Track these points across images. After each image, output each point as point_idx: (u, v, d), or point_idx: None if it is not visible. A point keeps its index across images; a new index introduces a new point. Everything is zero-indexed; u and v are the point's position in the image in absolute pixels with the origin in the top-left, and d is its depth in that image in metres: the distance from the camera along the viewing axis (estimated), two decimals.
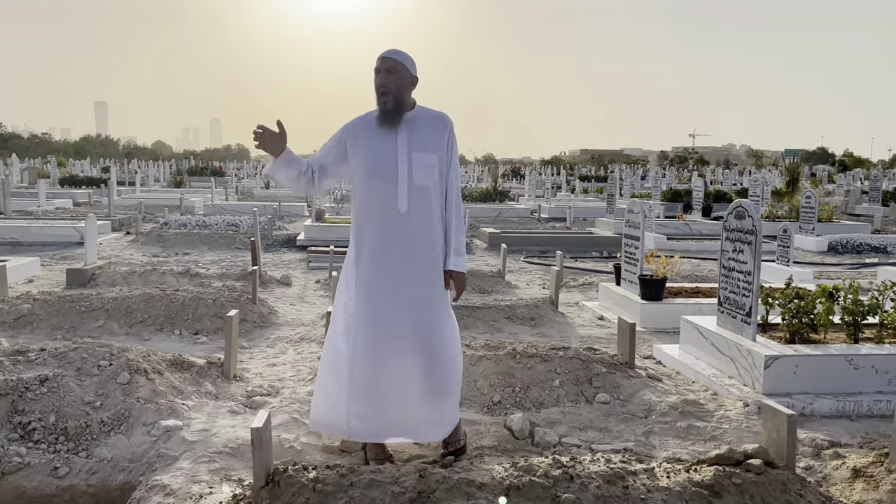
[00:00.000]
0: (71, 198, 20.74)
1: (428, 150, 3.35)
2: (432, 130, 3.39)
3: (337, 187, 28.68)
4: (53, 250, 11.18)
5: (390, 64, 3.31)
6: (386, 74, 3.30)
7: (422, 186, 3.33)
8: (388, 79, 3.29)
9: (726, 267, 5.06)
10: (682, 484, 2.80)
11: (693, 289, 7.31)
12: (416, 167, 3.32)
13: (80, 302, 6.33)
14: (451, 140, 3.43)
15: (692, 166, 62.85)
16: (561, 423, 4.06)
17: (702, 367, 4.98)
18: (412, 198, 3.32)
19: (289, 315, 6.93)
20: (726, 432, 3.92)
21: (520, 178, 42.98)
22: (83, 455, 3.52)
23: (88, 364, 4.06)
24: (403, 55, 3.37)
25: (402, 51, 3.40)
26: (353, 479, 2.75)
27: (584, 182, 36.32)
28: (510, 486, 2.69)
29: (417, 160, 3.32)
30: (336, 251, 10.00)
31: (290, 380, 4.79)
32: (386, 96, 3.30)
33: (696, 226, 15.12)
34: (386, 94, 3.30)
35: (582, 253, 12.23)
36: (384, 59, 3.33)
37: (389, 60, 3.32)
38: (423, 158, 3.33)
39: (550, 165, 56.63)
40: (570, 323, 6.77)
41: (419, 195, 3.33)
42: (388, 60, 3.33)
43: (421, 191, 3.33)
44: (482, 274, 8.72)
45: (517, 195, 26.36)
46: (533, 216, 18.52)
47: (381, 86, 3.30)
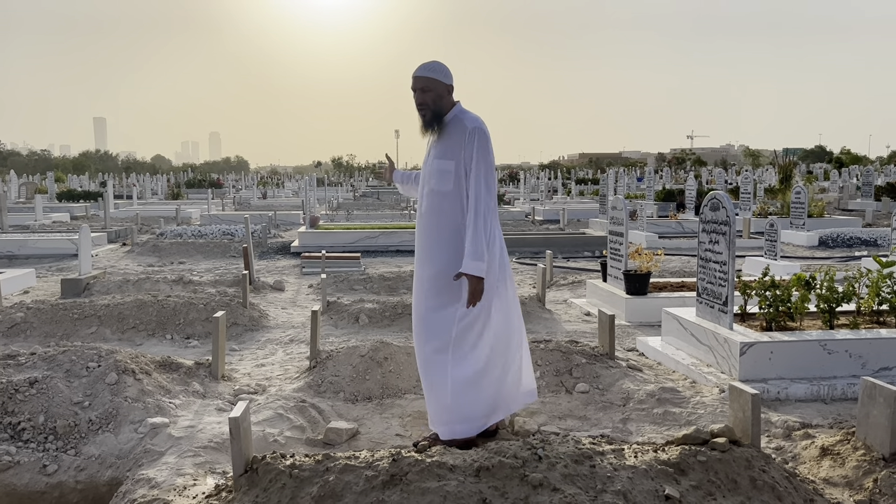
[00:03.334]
0: (68, 212, 20.86)
1: (447, 156, 3.48)
2: (454, 137, 3.49)
3: (334, 195, 28.79)
4: (49, 262, 11.28)
5: (423, 83, 3.49)
6: (421, 94, 3.50)
7: (437, 192, 3.50)
8: (423, 97, 3.49)
9: (703, 258, 5.16)
10: (648, 463, 2.88)
11: (678, 283, 7.40)
12: (433, 173, 3.51)
13: (73, 310, 6.42)
14: (473, 146, 3.45)
15: (689, 167, 63.01)
16: (541, 412, 4.15)
17: (682, 356, 5.07)
18: (429, 201, 3.54)
19: (280, 318, 7.02)
20: (701, 417, 4.01)
21: (517, 183, 43.11)
22: (72, 453, 3.61)
23: (77, 366, 4.16)
24: (434, 69, 3.51)
25: (434, 63, 3.54)
26: (328, 464, 2.84)
27: (580, 185, 36.45)
28: (480, 468, 2.78)
29: (435, 166, 3.50)
30: (329, 256, 10.10)
31: (277, 378, 4.88)
32: (424, 110, 3.51)
33: (689, 224, 15.22)
34: (424, 109, 3.51)
35: (574, 253, 12.33)
36: (417, 79, 3.51)
37: (422, 80, 3.50)
38: (441, 165, 3.48)
39: (548, 169, 56.79)
40: (556, 319, 6.86)
41: (435, 199, 3.51)
42: (420, 80, 3.50)
43: (437, 196, 3.50)
44: None
45: (513, 199, 26.48)
46: (527, 219, 18.62)
47: (420, 105, 3.51)
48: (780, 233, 9.31)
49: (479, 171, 3.45)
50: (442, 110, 3.51)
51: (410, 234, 13.03)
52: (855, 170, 45.50)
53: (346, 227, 13.96)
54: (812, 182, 32.27)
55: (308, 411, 4.11)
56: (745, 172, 18.87)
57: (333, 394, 4.40)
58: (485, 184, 3.45)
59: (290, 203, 25.49)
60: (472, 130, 3.45)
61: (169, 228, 14.53)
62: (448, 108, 3.54)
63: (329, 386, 4.46)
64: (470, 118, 3.50)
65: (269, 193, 32.43)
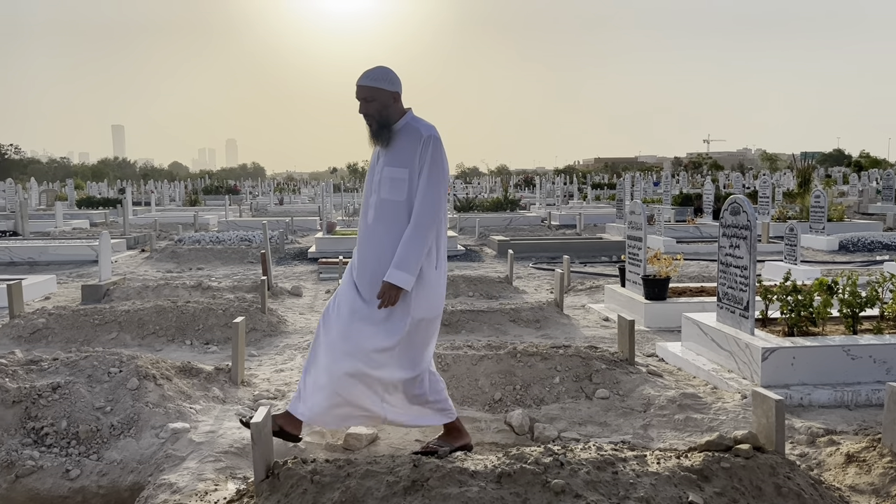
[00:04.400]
0: (88, 218, 21.09)
1: (399, 164, 3.37)
2: (407, 144, 3.38)
3: (350, 201, 28.90)
4: (70, 269, 11.40)
5: (366, 93, 3.38)
6: (365, 104, 3.40)
7: (388, 200, 3.38)
8: (367, 107, 3.40)
9: (724, 263, 5.12)
10: (671, 469, 2.86)
11: (697, 288, 7.35)
12: (384, 181, 3.39)
13: (94, 315, 6.48)
14: (426, 154, 3.34)
15: (706, 171, 62.63)
16: (561, 418, 4.13)
17: (702, 362, 5.02)
18: (378, 210, 3.41)
19: (298, 323, 7.05)
20: (723, 423, 3.97)
21: (532, 188, 43.07)
22: (94, 458, 3.63)
23: (99, 371, 4.19)
24: (378, 77, 3.39)
25: (378, 69, 3.42)
26: (349, 470, 2.83)
27: (596, 190, 36.34)
28: (502, 474, 2.77)
29: (387, 174, 3.38)
30: (346, 261, 10.13)
31: (296, 384, 4.89)
32: (369, 120, 3.41)
33: (707, 229, 15.11)
34: (369, 119, 3.41)
35: (591, 258, 12.28)
36: (359, 89, 3.40)
37: (364, 90, 3.39)
38: (393, 173, 3.37)
39: (564, 174, 56.66)
40: (574, 324, 6.83)
41: (385, 208, 3.39)
42: (363, 90, 3.39)
43: (387, 205, 3.39)
44: (490, 280, 8.80)
45: (529, 204, 26.44)
46: (543, 224, 18.58)
47: (364, 115, 3.42)
48: (799, 237, 9.22)
49: (430, 181, 3.33)
50: (389, 120, 3.41)
51: None
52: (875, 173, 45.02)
53: None
54: (831, 186, 31.97)
55: None
56: (762, 176, 18.72)
57: None
58: (434, 195, 3.33)
59: (306, 209, 25.62)
60: (428, 139, 3.35)
61: (187, 235, 14.64)
62: (397, 116, 3.43)
63: None
64: (424, 126, 3.40)
65: (285, 199, 32.60)
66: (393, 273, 3.28)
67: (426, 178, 3.33)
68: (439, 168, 3.35)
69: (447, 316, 6.66)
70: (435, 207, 3.32)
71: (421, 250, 3.31)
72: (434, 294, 3.47)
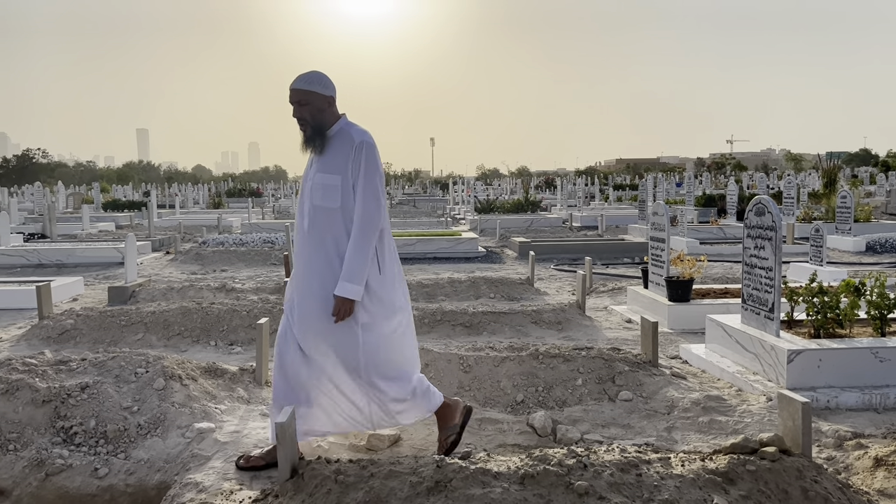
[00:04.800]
0: (113, 221, 21.36)
1: (332, 170, 3.32)
2: (340, 150, 3.33)
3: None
4: (97, 271, 11.56)
5: (299, 97, 3.32)
6: (298, 108, 3.33)
7: (321, 208, 3.33)
8: (301, 111, 3.33)
9: (748, 264, 5.07)
10: (696, 471, 2.84)
11: (722, 290, 7.28)
12: (316, 188, 3.34)
13: (120, 317, 6.57)
14: (360, 160, 3.30)
15: (729, 172, 62.03)
16: (583, 420, 4.12)
17: (727, 364, 4.98)
18: (313, 218, 3.36)
19: None
20: (748, 426, 3.93)
21: (553, 189, 42.94)
22: (122, 457, 3.68)
23: (126, 371, 4.25)
24: (312, 80, 3.34)
25: (312, 74, 3.37)
26: (373, 470, 2.85)
27: (618, 191, 36.15)
28: (525, 475, 2.77)
29: (319, 181, 3.33)
30: None
31: None
32: (303, 125, 3.35)
33: (730, 230, 14.98)
34: (303, 124, 3.35)
35: (613, 259, 12.22)
36: (293, 92, 3.34)
37: (298, 93, 3.32)
38: (326, 179, 3.32)
39: (585, 175, 56.41)
40: (597, 326, 6.80)
41: (318, 216, 3.35)
42: (296, 93, 3.33)
43: (320, 212, 3.34)
44: (511, 282, 8.79)
45: (549, 205, 26.37)
46: (564, 225, 18.52)
47: (298, 119, 3.35)
48: (825, 238, 9.11)
49: (367, 187, 3.30)
50: (323, 125, 3.36)
51: (448, 241, 13.06)
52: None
53: None
54: (857, 186, 31.52)
55: None
56: (787, 177, 18.51)
57: None
58: (374, 201, 3.30)
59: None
60: (360, 144, 3.30)
61: (211, 237, 14.79)
62: (331, 121, 3.38)
63: None
64: (357, 131, 3.36)
65: None
66: (343, 286, 3.27)
67: (363, 185, 3.30)
68: (374, 174, 3.31)
69: (468, 317, 6.66)
70: (375, 215, 3.30)
71: (366, 259, 3.31)
72: (383, 299, 3.43)
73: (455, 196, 30.58)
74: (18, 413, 3.83)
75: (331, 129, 3.38)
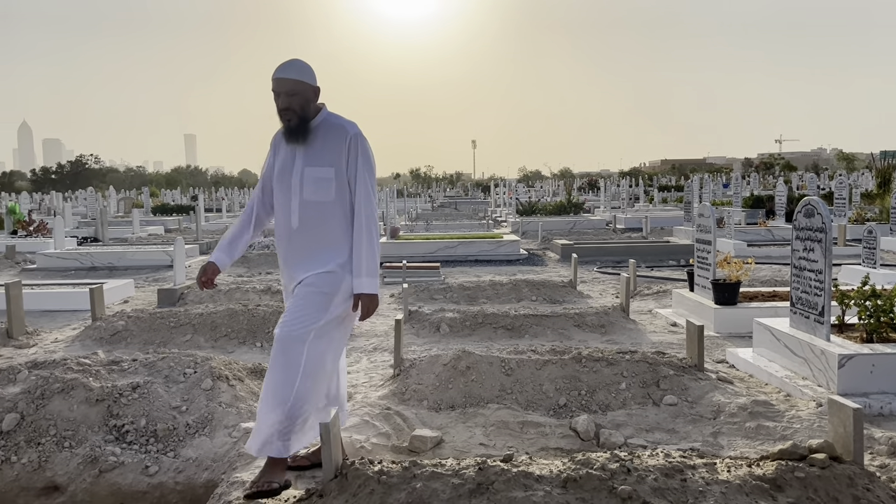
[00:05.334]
0: (162, 225, 21.89)
1: (323, 163, 3.17)
2: (331, 142, 3.19)
3: (413, 206, 29.13)
4: (146, 273, 11.86)
5: (290, 86, 3.15)
6: (287, 98, 3.16)
7: (314, 203, 3.18)
8: (290, 101, 3.16)
9: (797, 267, 4.96)
10: (742, 478, 2.79)
11: (770, 293, 7.14)
12: (307, 182, 3.17)
13: (170, 318, 6.73)
14: (355, 151, 3.19)
15: (778, 172, 60.69)
16: (627, 424, 4.08)
17: (775, 369, 4.88)
18: (304, 214, 3.19)
19: (363, 327, 7.15)
20: (797, 432, 3.85)
21: (596, 191, 42.57)
22: (171, 455, 3.78)
23: (175, 372, 4.36)
24: (303, 70, 3.19)
25: (299, 62, 3.22)
26: (415, 471, 2.87)
27: (663, 192, 35.67)
28: (567, 479, 2.76)
29: (309, 175, 3.17)
30: (409, 266, 10.25)
31: (362, 386, 4.97)
32: (289, 115, 3.17)
33: (779, 231, 14.66)
34: (289, 114, 3.17)
35: (658, 262, 12.06)
36: (282, 82, 3.15)
37: (289, 83, 3.15)
38: (316, 173, 3.17)
39: (629, 177, 55.78)
40: (641, 330, 6.72)
41: (312, 211, 3.18)
42: (286, 83, 3.15)
43: (313, 207, 3.18)
44: (553, 284, 8.75)
45: (593, 207, 26.15)
46: (608, 227, 18.35)
47: (284, 110, 3.17)
48: (879, 240, 8.85)
49: (364, 181, 3.19)
50: (308, 115, 3.20)
51: (489, 244, 13.06)
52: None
53: (426, 238, 14.11)
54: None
55: (393, 419, 4.17)
56: (838, 177, 18.03)
57: (417, 402, 4.45)
58: (373, 195, 3.22)
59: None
60: (355, 136, 3.19)
61: (256, 240, 15.02)
62: (315, 112, 3.24)
63: (413, 394, 4.52)
64: (348, 123, 3.24)
65: None
66: (364, 282, 3.18)
67: (363, 178, 3.20)
68: (371, 166, 3.23)
69: (510, 320, 6.65)
70: (375, 206, 3.24)
71: (377, 252, 3.23)
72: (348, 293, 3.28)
73: (496, 198, 30.55)
74: (73, 411, 3.96)
75: (314, 119, 3.23)
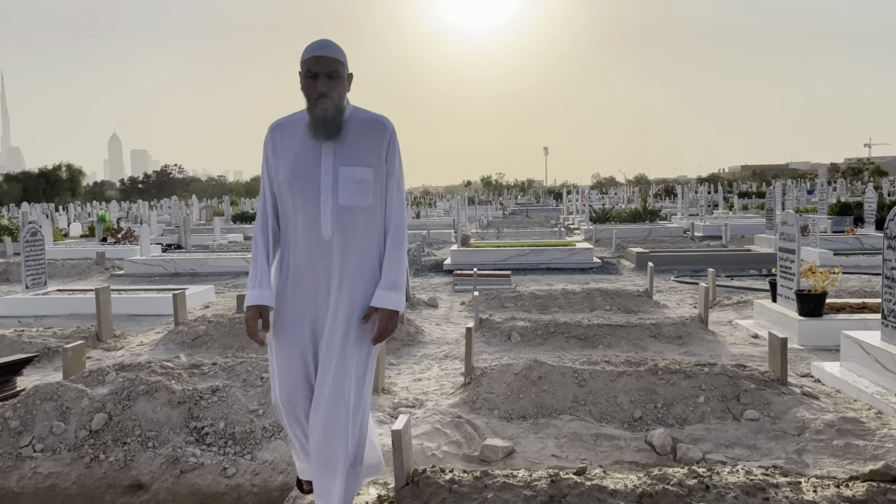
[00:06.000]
0: (242, 232, 22.59)
1: (360, 162, 2.68)
2: (367, 138, 2.70)
3: (484, 214, 29.14)
4: (227, 279, 12.24)
5: (332, 67, 2.63)
6: (328, 81, 2.63)
7: (351, 208, 2.67)
8: (330, 86, 2.64)
9: (889, 277, 4.71)
10: (830, 498, 2.66)
11: (859, 304, 6.80)
12: (342, 184, 2.66)
13: None
14: (392, 149, 2.74)
15: (867, 178, 57.94)
16: (705, 439, 3.95)
17: (865, 384, 4.64)
18: (338, 222, 2.66)
19: (434, 334, 7.18)
20: (889, 451, 3.64)
21: (673, 198, 41.59)
22: (248, 457, 3.87)
23: (252, 376, 4.47)
24: (340, 51, 2.69)
25: (334, 42, 2.72)
26: (486, 481, 2.86)
27: (743, 199, 34.58)
28: (643, 494, 2.69)
29: (345, 175, 2.67)
30: (480, 274, 10.23)
31: (433, 393, 4.99)
32: (327, 102, 2.63)
33: (868, 240, 13.96)
34: (327, 103, 2.64)
35: (738, 271, 11.67)
36: (323, 61, 2.63)
37: (330, 62, 2.63)
38: (353, 173, 2.67)
39: (707, 183, 54.28)
40: (720, 341, 6.51)
41: (348, 219, 2.67)
42: (328, 62, 2.63)
43: (349, 213, 2.67)
44: (628, 293, 8.58)
45: (669, 214, 25.56)
46: (686, 235, 17.89)
47: (322, 96, 2.63)
48: None
49: (400, 185, 2.79)
50: (343, 105, 2.70)
51: (560, 251, 12.92)
52: None
53: (497, 246, 14.07)
54: None
55: (464, 427, 4.16)
56: None
57: (488, 411, 4.43)
58: (404, 200, 2.83)
59: (441, 222, 26.12)
60: (393, 134, 2.74)
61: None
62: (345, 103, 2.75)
63: (484, 403, 4.50)
64: (381, 117, 2.75)
65: (421, 213, 33.40)
66: (389, 297, 2.68)
67: (399, 181, 2.78)
68: (401, 168, 2.82)
69: (583, 330, 6.55)
70: (402, 212, 2.81)
71: (406, 266, 2.87)
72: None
73: (569, 206, 30.23)
74: (157, 413, 4.11)
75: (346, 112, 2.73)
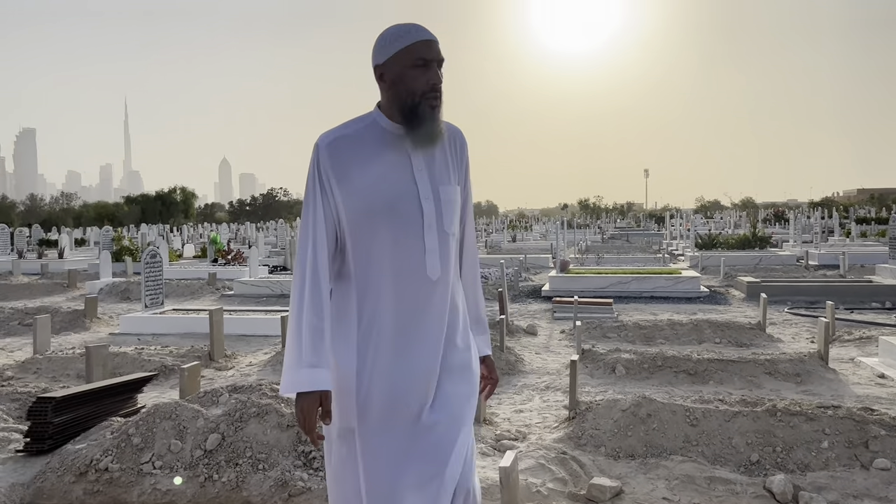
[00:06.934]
0: None
1: (450, 180, 2.16)
2: (449, 152, 2.19)
3: (582, 238, 28.72)
4: None
5: (441, 55, 2.10)
6: (439, 71, 2.10)
7: (451, 237, 2.14)
8: (441, 77, 2.10)
9: None
10: None
11: None
12: (446, 205, 2.12)
13: None
14: (467, 164, 2.26)
15: None
16: (830, 488, 3.69)
17: None
18: (443, 255, 2.11)
19: (534, 363, 7.09)
20: None
21: (784, 223, 39.72)
22: None
23: None
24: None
25: None
26: None
27: (861, 225, 32.60)
28: None
29: (446, 196, 2.13)
30: (581, 301, 10.05)
31: (536, 426, 4.90)
32: (437, 101, 2.09)
33: None
34: (438, 96, 2.09)
35: (859, 304, 10.97)
36: (435, 46, 2.09)
37: (439, 49, 2.10)
38: (450, 194, 2.14)
39: (820, 207, 51.57)
40: (842, 380, 6.10)
41: (447, 251, 2.13)
42: (438, 48, 2.10)
43: (447, 244, 2.13)
44: (739, 326, 8.20)
45: (780, 241, 24.40)
46: (799, 263, 17.00)
47: (435, 89, 2.08)
48: None
49: (471, 205, 2.31)
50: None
51: (665, 279, 12.52)
52: None
53: (597, 272, 13.80)
54: None
55: (569, 464, 4.05)
56: None
57: (594, 448, 4.30)
58: (471, 219, 2.33)
59: (538, 246, 25.93)
60: (465, 141, 2.24)
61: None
62: None
63: (589, 439, 4.38)
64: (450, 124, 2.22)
65: (517, 236, 33.30)
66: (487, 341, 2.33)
67: (470, 200, 2.30)
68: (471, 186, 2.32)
69: (692, 364, 6.29)
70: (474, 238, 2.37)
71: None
72: None
73: (672, 230, 29.38)
74: (267, 435, 4.21)
75: None
